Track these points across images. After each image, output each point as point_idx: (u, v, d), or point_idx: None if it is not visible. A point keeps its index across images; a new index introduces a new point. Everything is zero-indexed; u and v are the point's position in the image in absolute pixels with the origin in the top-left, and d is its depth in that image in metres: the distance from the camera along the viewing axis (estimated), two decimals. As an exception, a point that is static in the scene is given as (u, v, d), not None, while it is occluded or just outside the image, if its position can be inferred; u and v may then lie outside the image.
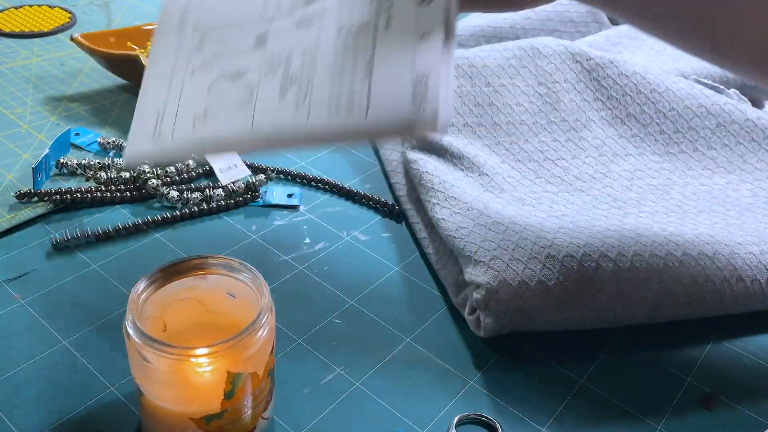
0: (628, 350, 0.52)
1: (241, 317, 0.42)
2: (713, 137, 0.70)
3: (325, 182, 0.68)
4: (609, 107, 0.71)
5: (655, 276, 0.52)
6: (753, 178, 0.67)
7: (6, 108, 0.78)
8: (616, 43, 0.86)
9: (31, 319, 0.51)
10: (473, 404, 0.47)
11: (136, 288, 0.40)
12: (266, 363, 0.40)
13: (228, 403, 0.38)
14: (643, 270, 0.52)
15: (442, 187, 0.59)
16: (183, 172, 0.67)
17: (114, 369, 0.48)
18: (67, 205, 0.62)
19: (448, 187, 0.59)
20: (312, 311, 0.54)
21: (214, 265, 0.42)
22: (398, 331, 0.52)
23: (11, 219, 0.60)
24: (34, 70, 0.86)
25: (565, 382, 0.49)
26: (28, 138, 0.72)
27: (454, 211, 0.57)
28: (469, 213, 0.56)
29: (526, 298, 0.50)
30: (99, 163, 0.67)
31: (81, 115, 0.77)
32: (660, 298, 0.51)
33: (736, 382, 0.50)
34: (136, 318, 0.38)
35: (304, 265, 0.58)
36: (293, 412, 0.46)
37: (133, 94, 0.82)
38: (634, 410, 0.47)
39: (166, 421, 0.40)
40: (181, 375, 0.38)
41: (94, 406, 0.45)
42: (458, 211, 0.56)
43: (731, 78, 0.78)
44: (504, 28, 0.91)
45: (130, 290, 0.40)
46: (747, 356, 0.52)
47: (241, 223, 0.63)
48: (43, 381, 0.46)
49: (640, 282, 0.51)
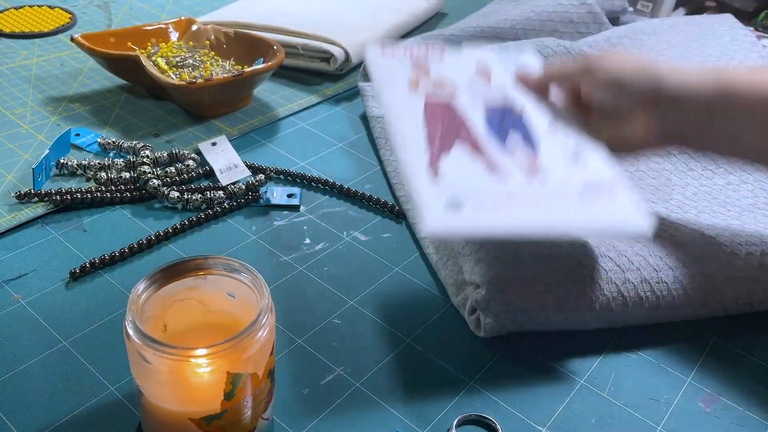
0: (628, 350, 0.52)
1: (241, 318, 0.42)
2: None
3: (325, 182, 0.68)
4: None
5: (655, 276, 0.52)
6: (753, 179, 0.67)
7: (6, 108, 0.78)
8: (616, 43, 0.86)
9: (31, 319, 0.51)
10: (473, 404, 0.47)
11: (136, 288, 0.40)
12: (266, 363, 0.40)
13: (228, 403, 0.38)
14: (644, 270, 0.52)
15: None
16: (183, 173, 0.67)
17: (114, 369, 0.48)
18: (67, 206, 0.62)
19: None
20: (312, 311, 0.54)
21: (214, 266, 0.42)
22: (398, 331, 0.52)
23: (11, 219, 0.60)
24: (35, 71, 0.86)
25: (565, 382, 0.49)
26: (28, 138, 0.72)
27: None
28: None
29: (526, 298, 0.50)
30: (99, 163, 0.67)
31: (81, 116, 0.77)
32: (660, 299, 0.51)
33: (736, 382, 0.50)
34: (136, 318, 0.38)
35: (304, 265, 0.58)
36: (293, 412, 0.46)
37: (133, 94, 0.82)
38: (634, 410, 0.47)
39: (166, 421, 0.40)
40: (181, 375, 0.37)
41: (94, 406, 0.45)
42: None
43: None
44: (504, 29, 0.91)
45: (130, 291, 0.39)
46: (747, 356, 0.52)
47: (241, 223, 0.63)
48: (43, 381, 0.46)
49: (639, 282, 0.51)
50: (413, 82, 0.56)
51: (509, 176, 0.48)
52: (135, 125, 0.76)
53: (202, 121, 0.77)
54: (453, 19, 1.10)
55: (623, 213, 0.47)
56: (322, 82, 0.88)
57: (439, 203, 0.45)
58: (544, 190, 0.47)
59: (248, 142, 0.75)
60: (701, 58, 0.82)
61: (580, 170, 0.50)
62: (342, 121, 0.80)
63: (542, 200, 0.47)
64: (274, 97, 0.84)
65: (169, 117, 0.78)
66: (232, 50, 0.84)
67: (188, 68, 0.79)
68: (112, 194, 0.63)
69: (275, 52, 0.79)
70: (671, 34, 0.88)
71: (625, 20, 1.03)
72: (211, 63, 0.81)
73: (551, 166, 0.50)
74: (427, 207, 0.45)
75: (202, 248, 0.59)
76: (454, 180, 0.47)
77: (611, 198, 0.48)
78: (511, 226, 0.45)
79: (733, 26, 0.90)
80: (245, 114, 0.79)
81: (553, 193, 0.47)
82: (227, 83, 0.73)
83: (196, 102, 0.76)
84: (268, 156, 0.72)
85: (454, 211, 0.45)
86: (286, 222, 0.63)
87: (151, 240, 0.58)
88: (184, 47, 0.84)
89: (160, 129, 0.75)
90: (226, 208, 0.63)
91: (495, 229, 0.45)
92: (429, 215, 0.45)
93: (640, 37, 0.87)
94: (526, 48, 0.60)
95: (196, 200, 0.63)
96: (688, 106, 0.50)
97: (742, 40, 0.86)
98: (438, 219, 0.45)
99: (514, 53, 0.61)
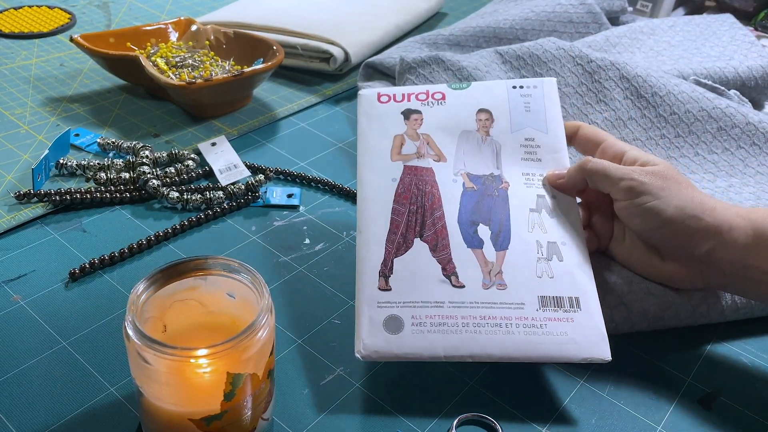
0: (628, 350, 0.52)
1: (240, 318, 0.42)
2: (714, 141, 0.69)
3: (325, 182, 0.68)
4: (612, 108, 0.71)
5: (658, 288, 0.51)
6: (755, 182, 0.66)
7: (6, 109, 0.78)
8: (615, 43, 0.86)
9: (31, 320, 0.51)
10: (473, 404, 0.47)
11: (136, 289, 0.40)
12: (266, 364, 0.40)
13: (228, 404, 0.38)
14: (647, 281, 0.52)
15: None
16: (183, 173, 0.67)
17: (114, 369, 0.47)
18: (67, 206, 0.62)
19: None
20: (312, 311, 0.54)
21: (213, 266, 0.42)
22: (398, 331, 0.52)
23: (11, 219, 0.60)
24: (34, 71, 0.86)
25: (565, 382, 0.49)
26: (27, 139, 0.72)
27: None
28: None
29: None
30: (98, 163, 0.67)
31: (80, 116, 0.77)
32: (663, 311, 0.51)
33: (736, 382, 0.50)
34: (136, 319, 0.38)
35: (304, 265, 0.58)
36: (293, 412, 0.46)
37: (133, 94, 0.82)
38: (634, 410, 0.47)
39: (166, 421, 0.40)
40: (181, 376, 0.37)
41: (94, 406, 0.45)
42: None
43: (730, 78, 0.78)
44: (504, 29, 0.91)
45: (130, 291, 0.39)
46: (747, 356, 0.52)
47: (240, 223, 0.63)
48: (43, 381, 0.46)
49: (643, 294, 0.51)
50: (397, 143, 0.53)
51: (462, 291, 0.46)
52: (134, 125, 0.76)
53: (201, 122, 0.77)
54: (453, 19, 1.10)
55: (581, 338, 0.45)
56: (321, 83, 0.88)
57: (378, 321, 0.45)
58: (495, 313, 0.45)
59: (248, 142, 0.74)
60: (701, 58, 0.82)
61: (544, 280, 0.47)
62: (341, 121, 0.80)
63: (488, 326, 0.45)
64: (274, 97, 0.84)
65: (168, 117, 0.78)
66: (232, 50, 0.84)
67: (188, 68, 0.79)
68: (111, 194, 0.63)
69: (275, 53, 0.79)
70: (671, 34, 0.89)
71: (625, 20, 1.03)
72: (211, 63, 0.81)
73: (513, 272, 0.47)
74: (366, 325, 0.45)
75: (202, 248, 0.59)
76: (402, 288, 0.46)
77: (569, 322, 0.45)
78: (450, 350, 0.45)
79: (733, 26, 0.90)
80: (245, 114, 0.79)
81: (505, 317, 0.45)
82: (227, 83, 0.73)
83: (195, 102, 0.76)
84: (267, 156, 0.72)
85: (392, 332, 0.45)
86: (285, 222, 0.63)
87: (150, 240, 0.58)
88: (184, 47, 0.84)
89: (159, 129, 0.75)
90: (226, 208, 0.63)
91: (432, 353, 0.45)
92: (366, 334, 0.45)
93: (639, 37, 0.87)
94: (548, 81, 0.55)
95: (196, 200, 0.63)
96: (727, 269, 0.48)
97: (742, 40, 0.86)
98: (374, 339, 0.45)
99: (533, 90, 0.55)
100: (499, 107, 0.54)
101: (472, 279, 0.47)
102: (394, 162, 0.52)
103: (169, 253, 0.58)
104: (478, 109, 0.54)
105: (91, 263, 0.55)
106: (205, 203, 0.64)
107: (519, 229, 0.49)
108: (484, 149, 0.53)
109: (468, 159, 0.52)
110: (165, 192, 0.63)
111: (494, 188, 0.51)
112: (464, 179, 0.51)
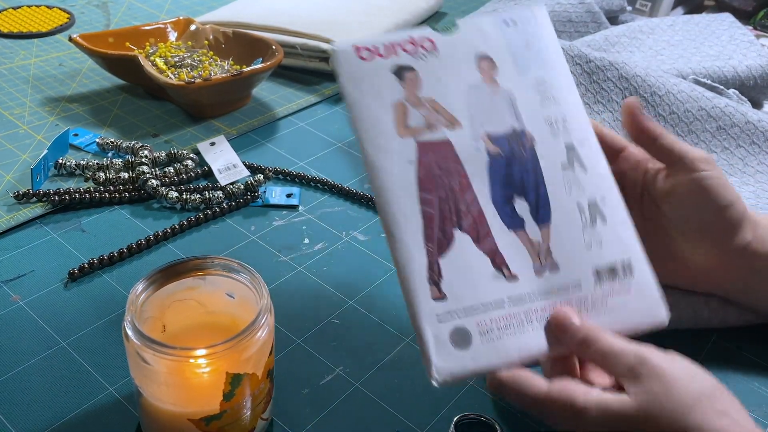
0: (627, 350, 0.52)
1: (240, 318, 0.42)
2: (713, 140, 0.69)
3: (325, 182, 0.68)
4: (609, 110, 0.71)
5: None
6: (755, 181, 0.66)
7: (5, 109, 0.77)
8: (614, 42, 0.86)
9: (30, 320, 0.51)
10: (473, 404, 0.47)
11: (135, 289, 0.40)
12: (265, 364, 0.40)
13: (227, 404, 0.38)
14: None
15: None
16: (182, 173, 0.67)
17: (113, 369, 0.47)
18: (66, 206, 0.62)
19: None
20: (312, 311, 0.53)
21: (213, 266, 0.42)
22: (398, 331, 0.52)
23: (10, 219, 0.60)
24: (33, 71, 0.86)
25: (564, 382, 0.49)
26: (26, 138, 0.72)
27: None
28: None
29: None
30: (98, 163, 0.67)
31: (79, 116, 0.77)
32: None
33: (736, 381, 0.50)
34: (135, 319, 0.38)
35: (304, 265, 0.58)
36: (293, 412, 0.46)
37: (132, 94, 0.82)
38: (633, 410, 0.47)
39: (165, 421, 0.40)
40: (180, 376, 0.37)
41: (94, 406, 0.45)
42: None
43: (729, 78, 0.78)
44: (503, 28, 0.90)
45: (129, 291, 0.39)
46: (747, 356, 0.52)
47: (240, 223, 0.62)
48: (42, 381, 0.46)
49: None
50: (400, 112, 0.44)
51: (518, 285, 0.42)
52: (133, 125, 0.76)
53: (200, 121, 0.77)
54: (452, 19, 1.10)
55: (639, 306, 0.43)
56: (321, 82, 0.88)
57: (444, 338, 0.40)
58: (556, 301, 0.42)
59: (247, 142, 0.74)
60: (700, 58, 0.82)
61: (594, 250, 0.43)
62: (341, 120, 0.80)
63: (548, 311, 0.41)
64: (273, 96, 0.84)
65: (167, 117, 0.78)
66: (231, 50, 0.84)
67: (187, 68, 0.79)
68: (110, 194, 0.63)
69: (274, 52, 0.79)
70: (670, 33, 0.89)
71: (624, 19, 1.03)
72: (210, 63, 0.81)
73: (562, 248, 0.43)
74: (432, 345, 0.40)
75: (201, 248, 0.59)
76: (457, 294, 0.41)
77: (627, 294, 0.43)
78: (524, 352, 0.41)
79: (732, 25, 0.90)
80: (244, 114, 0.79)
81: (566, 303, 0.42)
82: (226, 83, 0.73)
83: (194, 102, 0.76)
84: (266, 156, 0.72)
85: (461, 347, 0.40)
86: (285, 222, 0.63)
87: (149, 240, 0.58)
88: (183, 47, 0.84)
89: (158, 129, 0.75)
90: (225, 208, 0.63)
91: (507, 360, 0.40)
92: (435, 356, 0.40)
93: (638, 37, 0.87)
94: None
95: (195, 200, 0.63)
96: (757, 265, 0.49)
97: (741, 39, 0.86)
98: (445, 360, 0.40)
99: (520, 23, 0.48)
100: (499, 51, 0.47)
101: (524, 267, 0.42)
102: (403, 138, 0.43)
103: (169, 253, 0.58)
104: (478, 58, 0.47)
105: (90, 263, 0.55)
106: (205, 203, 0.63)
107: (557, 193, 0.44)
108: (498, 102, 0.46)
109: (484, 118, 0.45)
110: (164, 192, 0.63)
111: (520, 148, 0.45)
112: (486, 143, 0.44)
